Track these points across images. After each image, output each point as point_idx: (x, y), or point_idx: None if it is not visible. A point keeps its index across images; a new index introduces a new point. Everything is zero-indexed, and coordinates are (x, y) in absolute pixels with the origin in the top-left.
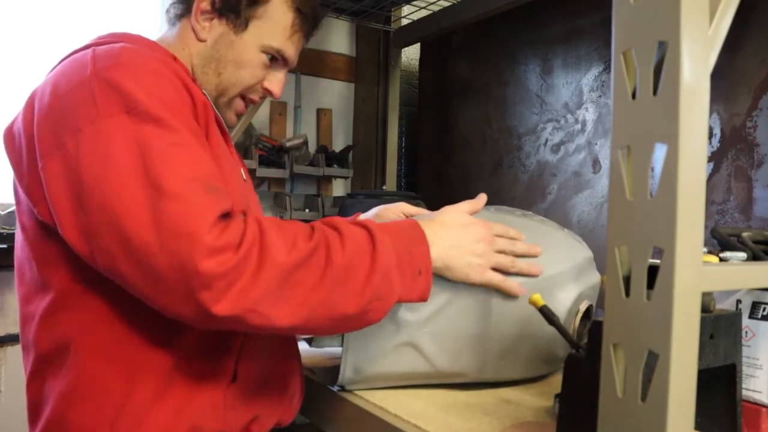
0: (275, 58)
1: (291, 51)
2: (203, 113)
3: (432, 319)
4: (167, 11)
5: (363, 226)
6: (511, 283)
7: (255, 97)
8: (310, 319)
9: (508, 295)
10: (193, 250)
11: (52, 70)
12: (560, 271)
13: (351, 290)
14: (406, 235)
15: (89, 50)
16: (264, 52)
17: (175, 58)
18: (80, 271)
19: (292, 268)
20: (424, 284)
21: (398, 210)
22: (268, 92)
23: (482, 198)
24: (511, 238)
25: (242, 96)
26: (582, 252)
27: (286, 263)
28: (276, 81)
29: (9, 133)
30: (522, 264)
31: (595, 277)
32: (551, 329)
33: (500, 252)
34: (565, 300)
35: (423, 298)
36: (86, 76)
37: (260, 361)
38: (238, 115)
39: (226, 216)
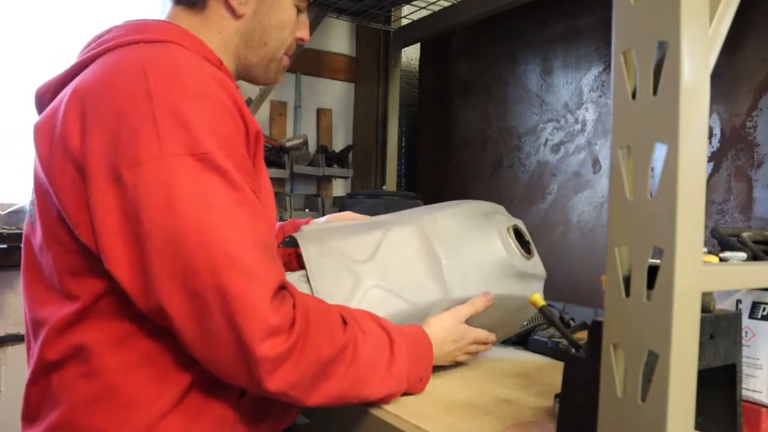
0: (302, 7)
1: None
2: (254, 144)
3: (377, 258)
4: None
5: (386, 330)
6: (464, 358)
7: (292, 49)
8: (328, 404)
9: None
10: (254, 329)
11: (86, 64)
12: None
13: (368, 387)
14: (420, 346)
15: (139, 51)
16: (296, 4)
17: (221, 64)
18: (112, 288)
19: (330, 360)
20: (422, 387)
21: (346, 218)
22: (300, 40)
23: (487, 297)
24: (483, 309)
25: (285, 53)
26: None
27: (325, 356)
28: (304, 27)
29: (45, 132)
30: (480, 347)
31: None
32: None
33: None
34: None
35: (418, 392)
36: (146, 94)
37: None
38: (286, 69)
39: (281, 289)
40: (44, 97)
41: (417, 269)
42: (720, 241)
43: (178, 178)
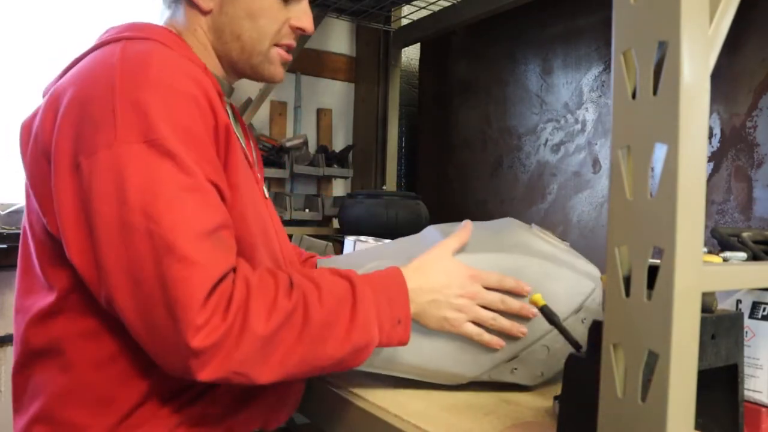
0: None
1: None
2: (224, 137)
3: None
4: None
5: (345, 277)
6: (488, 338)
7: (289, 41)
8: (290, 374)
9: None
10: (190, 320)
11: (78, 61)
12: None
13: (330, 345)
14: (388, 285)
15: (118, 47)
16: None
17: (205, 69)
18: (81, 280)
19: (272, 334)
20: (403, 332)
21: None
22: (300, 30)
23: (467, 226)
24: (508, 291)
25: (276, 44)
26: (586, 287)
27: (265, 331)
28: (303, 15)
29: (26, 130)
30: (504, 322)
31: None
32: None
33: (485, 306)
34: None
35: (402, 343)
36: (111, 88)
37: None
38: (284, 64)
39: (224, 277)
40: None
41: None
42: (720, 241)
43: (129, 165)
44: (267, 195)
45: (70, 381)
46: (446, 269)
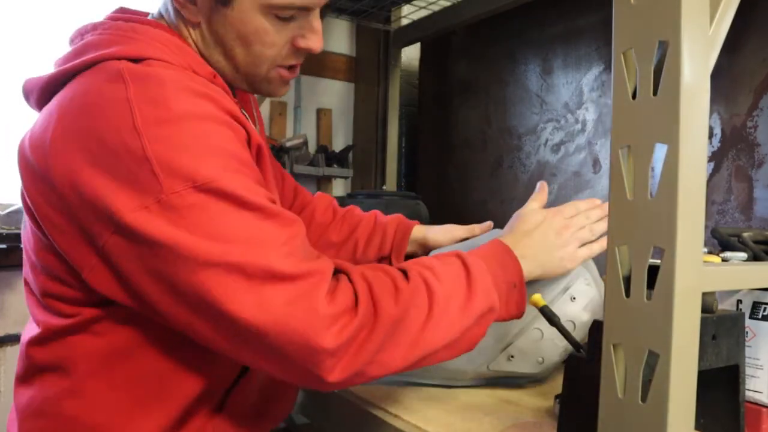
0: (287, 15)
1: None
2: (256, 153)
3: None
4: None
5: (453, 254)
6: (598, 246)
7: (293, 61)
8: (424, 356)
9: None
10: (313, 327)
11: (73, 69)
12: None
13: (456, 316)
14: (495, 252)
15: (122, 72)
16: (268, 13)
17: (215, 76)
18: (104, 315)
19: (403, 313)
20: (519, 296)
21: (449, 237)
22: (307, 51)
23: (543, 187)
24: (585, 211)
25: (279, 66)
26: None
27: (396, 313)
28: (312, 36)
29: (26, 149)
30: (601, 226)
31: None
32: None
33: (580, 229)
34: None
35: (520, 310)
36: (133, 129)
37: (254, 395)
38: (286, 83)
39: (334, 277)
40: (30, 96)
41: None
42: (720, 241)
43: (186, 215)
44: None
45: (75, 406)
46: (534, 221)
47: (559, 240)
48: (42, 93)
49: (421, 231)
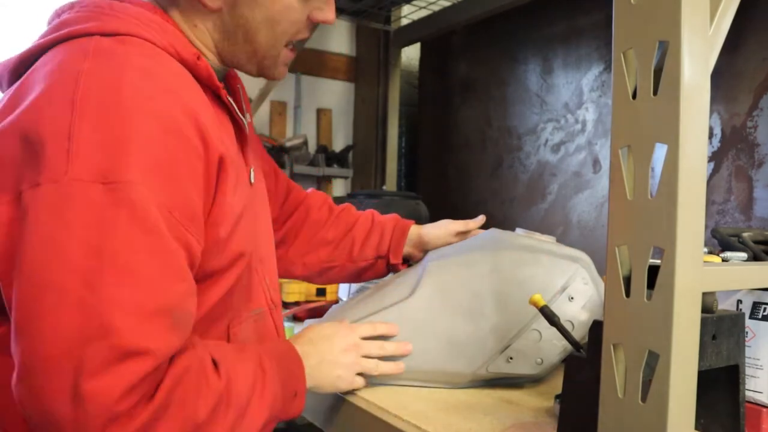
0: None
1: None
2: (216, 168)
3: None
4: None
5: (248, 356)
6: (385, 368)
7: (304, 35)
8: None
9: None
10: (97, 413)
11: (46, 44)
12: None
13: (250, 420)
14: (287, 357)
15: (87, 49)
16: None
17: (199, 57)
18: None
19: (209, 417)
20: (299, 405)
21: (444, 231)
22: (323, 23)
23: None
24: (382, 335)
25: (289, 43)
26: (566, 268)
27: (204, 416)
28: (327, 8)
29: None
30: (385, 367)
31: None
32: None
33: (366, 356)
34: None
35: (297, 414)
36: (69, 102)
37: None
38: (287, 64)
39: (161, 365)
40: (2, 81)
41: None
42: (720, 241)
43: (77, 209)
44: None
45: None
46: (323, 332)
47: (343, 358)
48: (12, 75)
49: (416, 230)
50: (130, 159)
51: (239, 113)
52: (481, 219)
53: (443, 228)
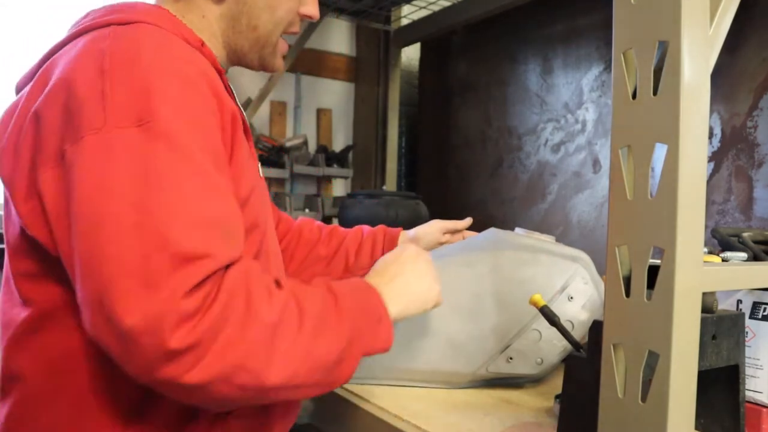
0: None
1: None
2: (230, 127)
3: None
4: None
5: (315, 284)
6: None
7: (295, 28)
8: (295, 372)
9: None
10: (166, 315)
11: (55, 51)
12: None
13: (329, 331)
14: (357, 288)
15: (107, 31)
16: None
17: (203, 44)
18: (62, 291)
19: (278, 321)
20: (386, 329)
21: (434, 228)
22: (306, 17)
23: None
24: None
25: (284, 33)
26: (566, 267)
27: (271, 317)
28: (312, 4)
29: (8, 114)
30: None
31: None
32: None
33: None
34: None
35: (387, 345)
36: (100, 71)
37: (255, 414)
38: (284, 56)
39: (222, 269)
40: (20, 88)
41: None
42: (720, 241)
43: (119, 152)
44: (261, 173)
45: (20, 406)
46: (390, 259)
47: (420, 271)
48: (30, 77)
49: (405, 234)
50: (158, 105)
51: (239, 104)
52: (468, 221)
53: (433, 225)
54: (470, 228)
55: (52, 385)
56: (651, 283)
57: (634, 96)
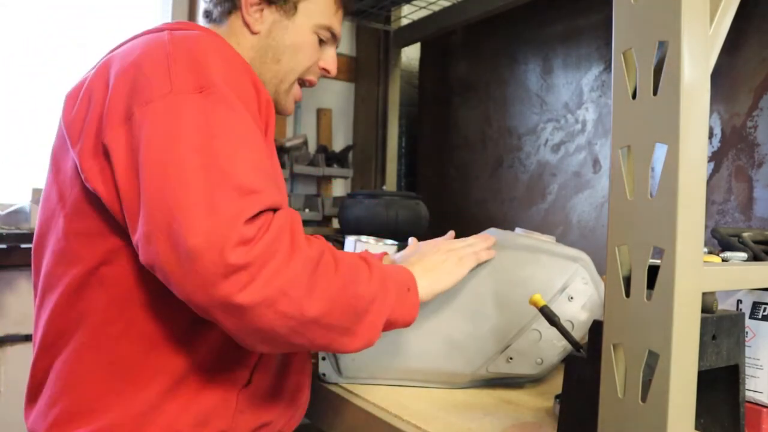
0: (325, 37)
1: (338, 27)
2: (265, 111)
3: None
4: (207, 12)
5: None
6: (482, 254)
7: (313, 78)
8: (332, 307)
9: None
10: (227, 237)
11: (115, 48)
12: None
13: (361, 280)
14: (390, 263)
15: (165, 33)
16: (316, 32)
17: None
18: (114, 248)
19: (318, 258)
20: (414, 300)
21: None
22: (324, 71)
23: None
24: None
25: (299, 80)
26: (566, 268)
27: (313, 254)
28: (330, 59)
29: (72, 95)
30: (483, 254)
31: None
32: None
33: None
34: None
35: (413, 314)
36: (164, 51)
37: (275, 372)
38: (296, 102)
39: (273, 209)
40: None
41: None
42: (720, 241)
43: (185, 110)
44: None
45: (93, 359)
46: (412, 251)
47: (442, 256)
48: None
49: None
50: (216, 77)
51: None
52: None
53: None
54: (470, 229)
55: (121, 320)
56: (651, 283)
57: (634, 96)
